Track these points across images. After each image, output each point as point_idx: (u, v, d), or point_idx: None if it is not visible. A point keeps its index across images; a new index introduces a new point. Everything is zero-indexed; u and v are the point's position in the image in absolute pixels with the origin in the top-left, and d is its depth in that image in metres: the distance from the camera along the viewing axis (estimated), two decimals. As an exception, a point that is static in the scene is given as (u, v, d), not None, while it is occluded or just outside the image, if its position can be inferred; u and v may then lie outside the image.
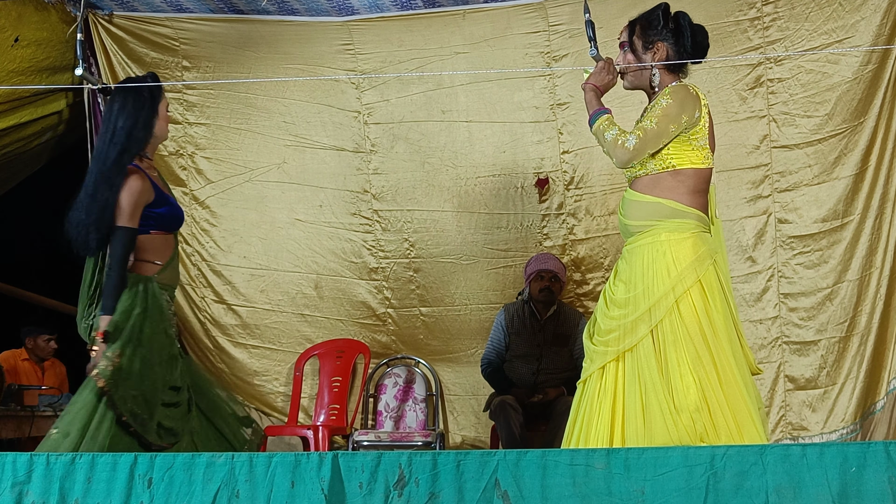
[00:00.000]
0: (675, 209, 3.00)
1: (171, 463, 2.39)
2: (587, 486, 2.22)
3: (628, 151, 2.95)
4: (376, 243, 5.34)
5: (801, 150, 4.71)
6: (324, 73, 5.18)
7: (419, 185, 5.28)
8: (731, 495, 2.16)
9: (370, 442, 4.96)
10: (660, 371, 2.88)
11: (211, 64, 5.23)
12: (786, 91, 4.72)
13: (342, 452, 2.35)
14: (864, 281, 4.57)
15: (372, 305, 5.37)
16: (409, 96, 5.24)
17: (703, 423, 2.81)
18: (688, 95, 3.00)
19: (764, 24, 4.71)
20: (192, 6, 5.03)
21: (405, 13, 5.06)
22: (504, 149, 5.19)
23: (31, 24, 4.57)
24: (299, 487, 2.32)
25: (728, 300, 3.01)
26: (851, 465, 2.12)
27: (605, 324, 3.04)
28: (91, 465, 2.41)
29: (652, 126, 2.95)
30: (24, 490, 2.42)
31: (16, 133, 5.04)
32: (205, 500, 2.35)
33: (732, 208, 4.80)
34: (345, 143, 5.31)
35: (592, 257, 5.14)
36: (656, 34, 3.12)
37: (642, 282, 2.96)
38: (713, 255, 2.99)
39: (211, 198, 5.33)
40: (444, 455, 2.30)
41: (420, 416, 5.27)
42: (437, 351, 5.33)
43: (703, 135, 3.03)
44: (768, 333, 4.77)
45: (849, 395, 4.59)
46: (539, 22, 4.99)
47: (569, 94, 5.04)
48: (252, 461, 2.37)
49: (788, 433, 4.71)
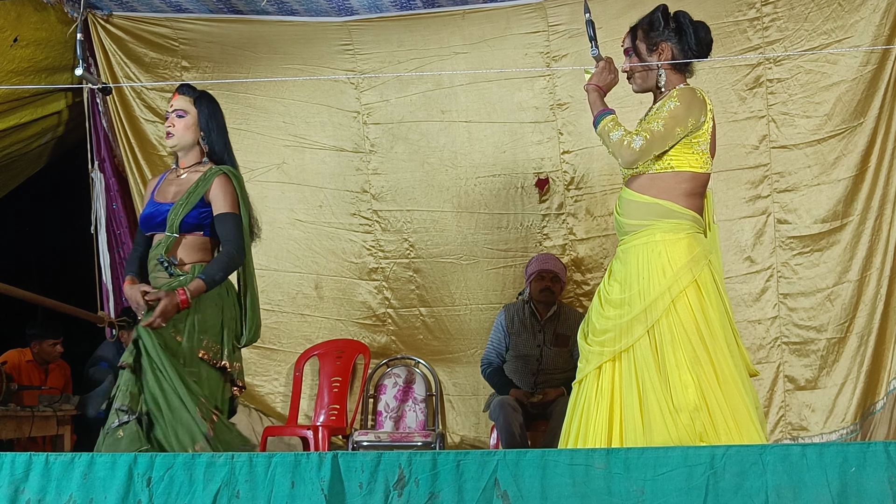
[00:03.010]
0: (672, 210, 3.00)
1: (171, 462, 2.39)
2: (587, 485, 2.22)
3: (634, 152, 2.96)
4: (376, 243, 5.34)
5: (801, 150, 4.71)
6: (323, 73, 5.18)
7: (419, 186, 5.28)
8: (730, 495, 2.16)
9: (370, 442, 4.96)
10: (658, 371, 2.88)
11: (210, 64, 5.23)
12: (785, 91, 4.72)
13: (342, 452, 2.35)
14: (864, 281, 4.57)
15: (372, 306, 5.37)
16: (409, 96, 5.24)
17: (702, 422, 2.81)
18: (695, 99, 3.00)
19: (763, 25, 4.71)
20: (192, 6, 5.03)
21: (404, 13, 5.06)
22: (504, 149, 5.19)
23: (30, 25, 4.57)
24: (299, 487, 2.32)
25: (724, 301, 3.01)
26: (851, 465, 2.12)
27: (601, 324, 3.04)
28: (89, 463, 2.41)
29: (659, 128, 2.95)
30: (20, 488, 2.42)
31: (16, 134, 5.04)
32: (205, 500, 2.34)
33: (731, 208, 4.80)
34: (344, 144, 5.31)
35: (592, 257, 5.14)
36: (659, 35, 3.12)
37: (638, 282, 2.97)
38: (708, 256, 3.00)
39: (211, 198, 5.32)
40: (443, 455, 2.30)
41: (420, 416, 5.27)
42: (436, 351, 5.33)
43: (706, 139, 3.03)
44: (767, 334, 4.77)
45: (849, 395, 4.58)
46: (538, 22, 4.99)
47: (569, 95, 5.04)
48: (252, 461, 2.37)
49: (788, 433, 4.71)
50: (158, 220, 3.41)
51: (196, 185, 3.43)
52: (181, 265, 3.36)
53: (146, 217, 3.48)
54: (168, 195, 3.47)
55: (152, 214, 3.45)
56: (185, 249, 3.39)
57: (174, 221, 3.37)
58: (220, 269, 3.34)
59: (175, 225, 3.37)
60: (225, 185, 3.44)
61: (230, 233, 3.39)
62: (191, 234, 3.40)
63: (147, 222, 3.47)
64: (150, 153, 5.24)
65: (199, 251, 3.42)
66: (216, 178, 3.43)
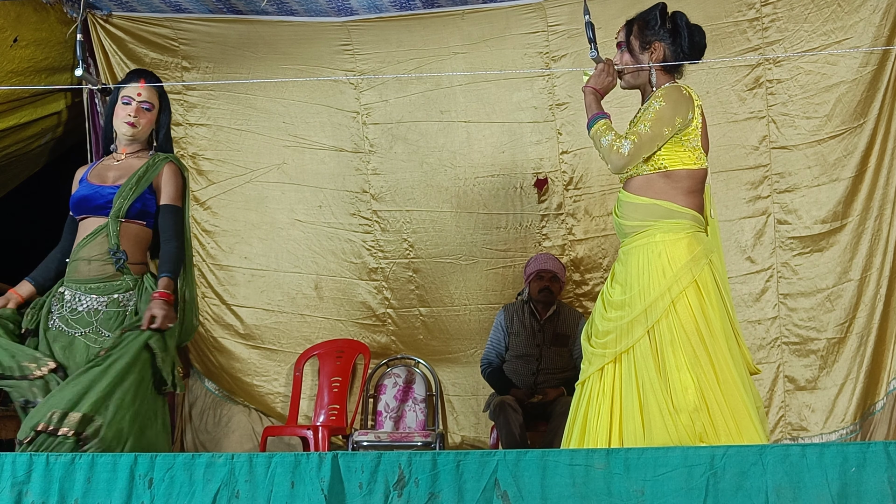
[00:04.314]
0: (671, 210, 3.00)
1: (171, 463, 2.39)
2: (587, 486, 2.23)
3: (623, 157, 2.96)
4: (375, 243, 5.34)
5: (801, 151, 4.71)
6: (323, 73, 5.18)
7: (418, 186, 5.28)
8: (730, 495, 2.16)
9: (370, 442, 4.96)
10: (658, 371, 2.88)
11: (210, 64, 5.23)
12: (785, 92, 4.72)
13: (342, 453, 2.35)
14: (864, 282, 4.57)
15: (371, 306, 5.37)
16: (408, 96, 5.24)
17: (702, 422, 2.81)
18: (680, 97, 3.00)
19: (763, 25, 4.72)
20: (191, 6, 5.03)
21: (404, 13, 5.06)
22: (503, 149, 5.19)
23: (29, 25, 4.57)
24: (299, 488, 2.32)
25: (725, 300, 3.01)
26: (851, 466, 2.12)
27: (603, 325, 3.04)
28: (91, 465, 2.41)
29: (646, 130, 2.95)
30: (23, 490, 2.42)
31: (15, 135, 5.04)
32: (205, 501, 2.35)
33: (731, 209, 4.80)
34: (344, 144, 5.31)
35: (591, 257, 5.14)
36: (653, 34, 3.13)
37: (638, 283, 2.97)
38: (709, 255, 3.00)
39: (212, 199, 5.33)
40: (443, 455, 2.30)
41: (420, 416, 5.27)
42: (436, 351, 5.34)
43: (696, 136, 3.03)
44: (767, 334, 4.77)
45: (848, 395, 4.58)
46: (538, 22, 4.99)
47: (568, 95, 5.05)
48: (252, 461, 2.37)
49: (788, 433, 4.71)
50: (99, 202, 3.29)
51: (145, 169, 3.34)
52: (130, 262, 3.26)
53: (82, 198, 3.33)
54: (108, 179, 3.35)
55: (90, 196, 3.32)
56: (128, 242, 3.28)
57: (122, 206, 3.26)
58: (176, 265, 3.26)
59: (123, 209, 3.26)
60: (175, 174, 3.38)
61: (177, 228, 3.33)
62: (134, 222, 3.31)
63: (83, 204, 3.33)
64: (150, 153, 5.24)
65: (141, 247, 3.34)
66: (166, 164, 3.37)
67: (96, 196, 3.31)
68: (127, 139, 3.44)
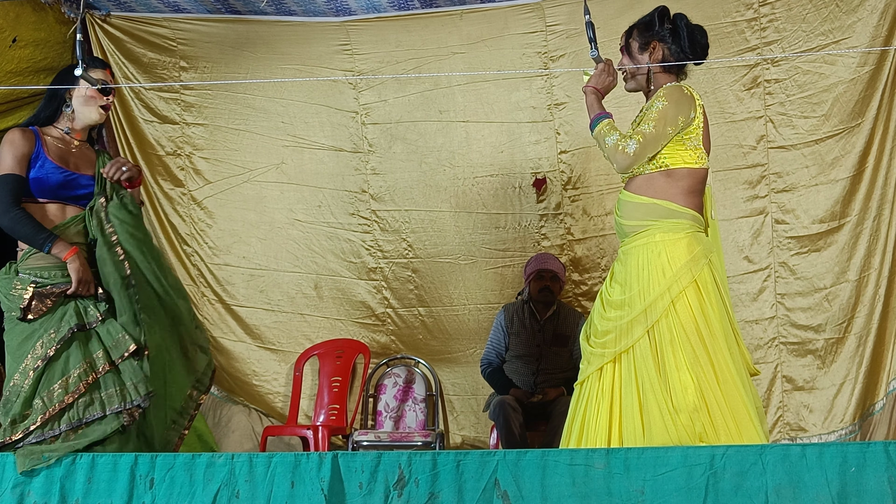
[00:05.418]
0: (671, 209, 3.01)
1: (171, 463, 2.40)
2: (587, 486, 2.23)
3: (629, 157, 2.97)
4: (375, 243, 5.34)
5: (799, 150, 4.72)
6: (321, 73, 5.18)
7: (417, 186, 5.28)
8: (730, 495, 2.16)
9: (370, 442, 4.96)
10: (657, 371, 2.89)
11: (208, 64, 5.23)
12: (783, 92, 4.73)
13: (342, 453, 2.35)
14: (863, 282, 4.58)
15: (371, 305, 5.37)
16: (407, 96, 5.24)
17: (701, 422, 2.82)
18: (682, 96, 3.02)
19: (761, 25, 4.72)
20: (190, 6, 5.03)
21: (402, 13, 5.07)
22: (502, 149, 5.20)
23: (28, 25, 4.57)
24: (299, 487, 2.33)
25: (724, 300, 3.02)
26: (851, 466, 2.13)
27: (602, 325, 3.05)
28: (91, 465, 2.41)
29: (650, 130, 2.96)
30: (25, 490, 2.42)
31: (14, 135, 5.03)
32: (205, 501, 2.35)
33: (729, 208, 4.81)
34: (343, 144, 5.32)
35: (590, 257, 5.14)
36: (652, 35, 3.15)
37: (637, 283, 2.98)
38: (708, 255, 3.00)
39: (209, 198, 5.32)
40: (443, 455, 2.30)
41: (420, 416, 5.28)
42: (436, 351, 5.34)
43: (697, 135, 3.05)
44: (765, 334, 4.77)
45: (847, 395, 4.58)
46: (536, 22, 5.00)
47: (566, 94, 5.05)
48: (252, 461, 2.38)
49: (786, 434, 4.71)
50: (79, 192, 3.27)
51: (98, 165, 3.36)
52: None
53: (58, 185, 3.23)
54: (69, 164, 3.29)
55: (68, 183, 3.26)
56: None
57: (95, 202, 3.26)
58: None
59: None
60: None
61: None
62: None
63: (59, 192, 3.24)
64: (149, 153, 5.24)
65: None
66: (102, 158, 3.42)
67: (73, 185, 3.27)
68: (88, 125, 3.42)
